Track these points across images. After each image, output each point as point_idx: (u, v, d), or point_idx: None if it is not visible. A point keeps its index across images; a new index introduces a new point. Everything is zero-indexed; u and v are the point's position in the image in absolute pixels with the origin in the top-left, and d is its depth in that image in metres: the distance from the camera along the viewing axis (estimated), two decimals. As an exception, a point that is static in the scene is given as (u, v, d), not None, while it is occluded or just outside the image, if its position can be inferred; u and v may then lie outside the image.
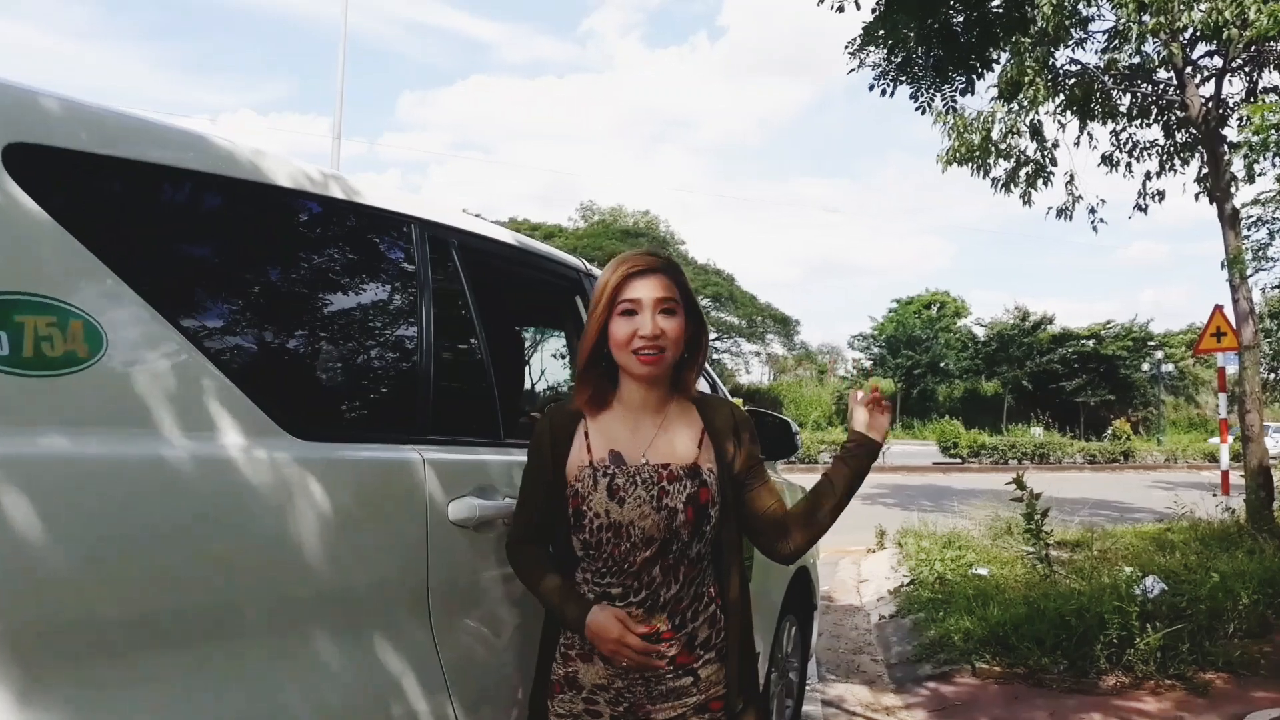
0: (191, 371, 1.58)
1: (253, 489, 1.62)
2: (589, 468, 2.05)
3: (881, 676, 5.68)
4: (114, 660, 1.42)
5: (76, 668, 1.37)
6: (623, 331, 2.05)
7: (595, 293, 2.12)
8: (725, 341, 46.19)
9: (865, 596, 8.19)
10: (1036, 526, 6.97)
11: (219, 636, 1.57)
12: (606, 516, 2.01)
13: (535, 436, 2.13)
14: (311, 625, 1.73)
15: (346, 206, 2.03)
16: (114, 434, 1.45)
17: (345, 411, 1.99)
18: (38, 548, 1.32)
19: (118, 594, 1.43)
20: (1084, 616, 5.55)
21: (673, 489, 2.03)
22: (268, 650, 1.65)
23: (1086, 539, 9.15)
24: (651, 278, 2.08)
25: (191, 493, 1.54)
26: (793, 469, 21.54)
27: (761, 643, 3.70)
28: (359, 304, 2.05)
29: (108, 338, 1.45)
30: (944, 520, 10.97)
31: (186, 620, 1.52)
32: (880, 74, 7.92)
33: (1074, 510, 11.48)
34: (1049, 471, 25.79)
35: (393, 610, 1.91)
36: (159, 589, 1.48)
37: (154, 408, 1.50)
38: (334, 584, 1.77)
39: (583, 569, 2.07)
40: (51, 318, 1.38)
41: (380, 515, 1.90)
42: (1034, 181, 11.27)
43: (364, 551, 1.85)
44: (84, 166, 1.52)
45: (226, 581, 1.59)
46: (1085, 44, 10.71)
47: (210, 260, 1.77)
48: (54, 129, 1.48)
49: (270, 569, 1.66)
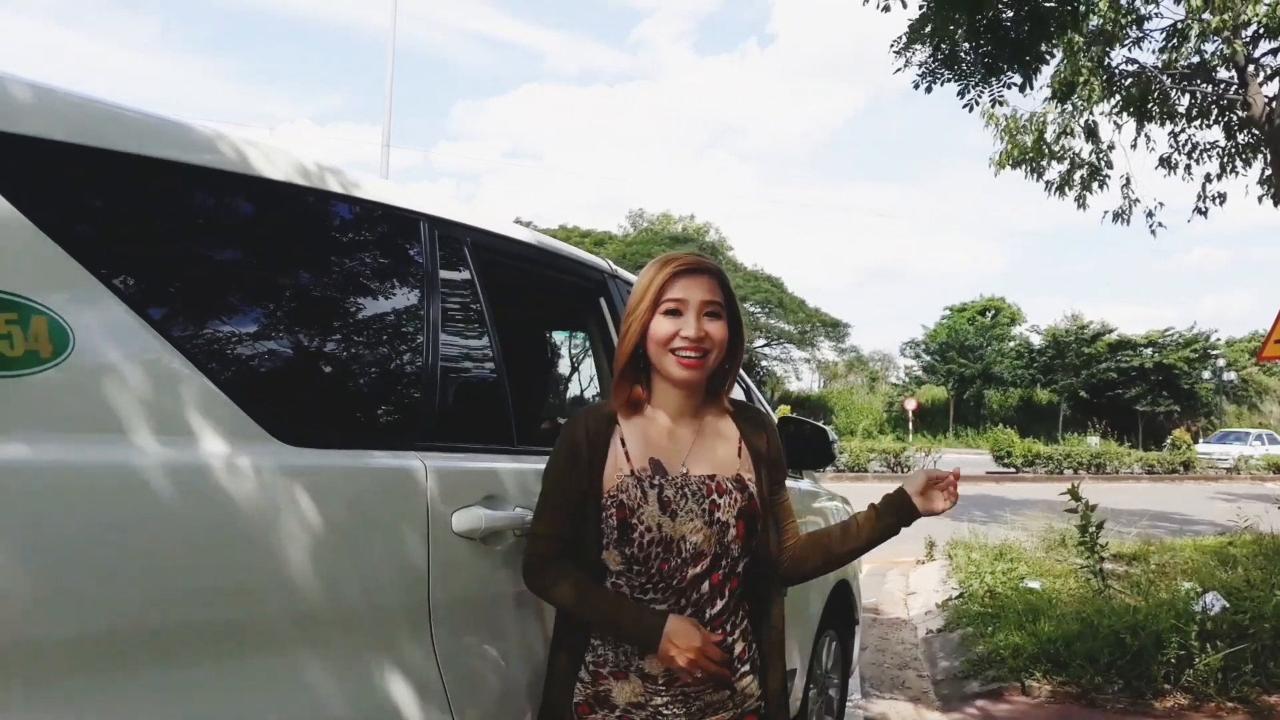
0: (168, 372, 1.49)
1: (235, 499, 1.52)
2: (631, 476, 1.95)
3: (927, 693, 5.51)
4: (76, 685, 1.33)
5: (35, 691, 1.28)
6: (664, 331, 1.97)
7: (637, 290, 2.03)
8: (774, 347, 45.89)
9: (913, 609, 8.00)
10: (1091, 539, 6.74)
11: (199, 659, 1.47)
12: (658, 530, 1.92)
13: (568, 441, 2.01)
14: (301, 646, 1.63)
15: (347, 201, 1.94)
16: (81, 439, 1.36)
17: (339, 416, 1.88)
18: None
19: (82, 614, 1.34)
20: (1140, 634, 5.33)
21: (724, 502, 1.97)
22: (252, 673, 1.55)
23: (1144, 552, 8.88)
24: (698, 278, 2.01)
25: (167, 503, 1.44)
26: (841, 478, 21.30)
27: (799, 658, 3.57)
28: (357, 302, 1.95)
29: (75, 336, 1.37)
30: (996, 531, 10.74)
31: (160, 642, 1.43)
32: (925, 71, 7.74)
33: (1131, 522, 11.18)
34: (1105, 482, 25.22)
35: (391, 628, 1.81)
36: (129, 608, 1.39)
37: (126, 411, 1.41)
38: (326, 601, 1.67)
39: (615, 583, 1.97)
40: (11, 314, 1.30)
41: (377, 527, 1.80)
42: (1089, 184, 11.02)
43: (359, 566, 1.74)
44: (55, 156, 1.43)
45: (205, 600, 1.49)
46: (1142, 43, 10.43)
47: (191, 255, 1.66)
48: (22, 116, 1.40)
49: (255, 586, 1.56)
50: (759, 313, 43.63)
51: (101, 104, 1.55)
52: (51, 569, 1.31)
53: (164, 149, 1.60)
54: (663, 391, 2.04)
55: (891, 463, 26.08)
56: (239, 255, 1.76)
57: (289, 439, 1.65)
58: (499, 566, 2.04)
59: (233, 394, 1.57)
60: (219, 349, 1.62)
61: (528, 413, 2.63)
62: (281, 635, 1.61)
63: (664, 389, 2.04)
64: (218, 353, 1.61)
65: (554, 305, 3.42)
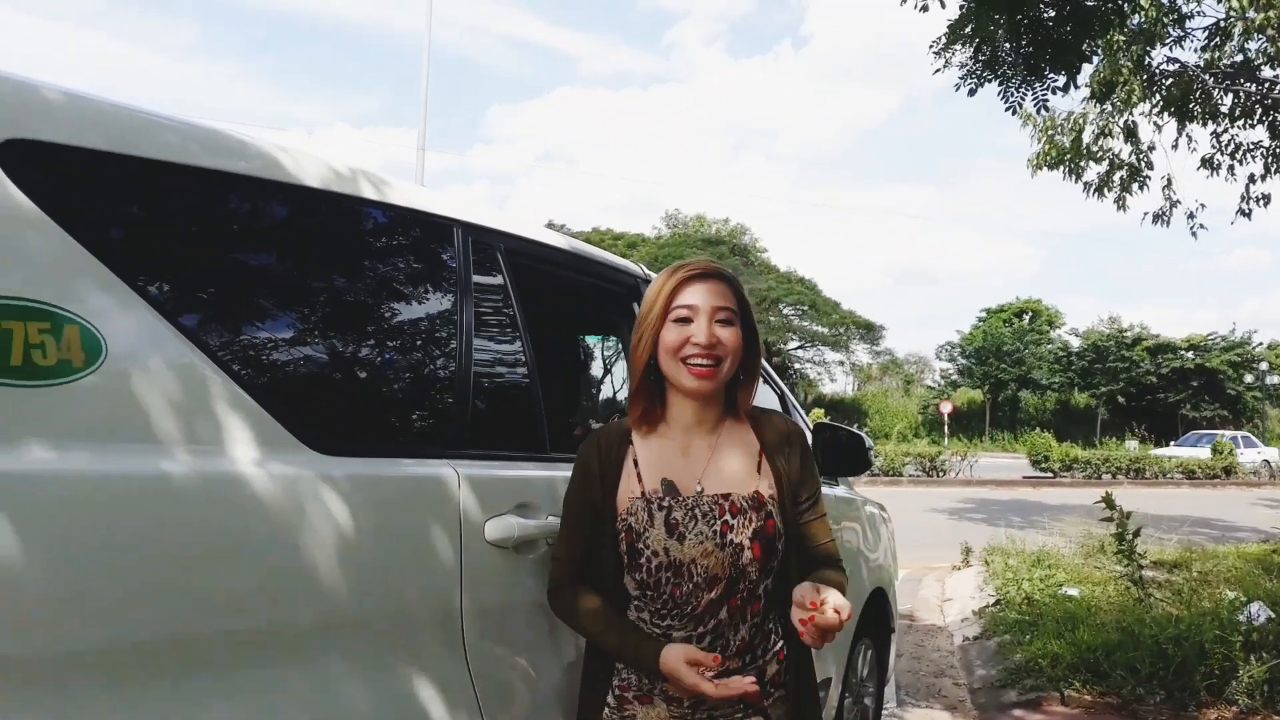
0: (200, 381, 1.48)
1: (268, 508, 1.52)
2: (641, 499, 1.90)
3: (964, 702, 5.44)
4: (109, 692, 1.32)
5: (69, 699, 1.28)
6: (674, 339, 1.90)
7: (647, 299, 1.98)
8: (808, 350, 45.64)
9: (949, 616, 7.91)
10: (1129, 547, 6.63)
11: (229, 667, 1.47)
12: (666, 555, 1.86)
13: (580, 462, 1.98)
14: (333, 654, 1.62)
15: (380, 207, 1.93)
16: (113, 448, 1.36)
17: (371, 423, 1.87)
18: (28, 571, 1.23)
19: (116, 622, 1.34)
20: (1182, 644, 5.22)
21: (737, 523, 1.88)
22: (283, 681, 1.54)
23: (1185, 560, 8.73)
24: (709, 283, 1.94)
25: (199, 512, 1.44)
26: (875, 483, 21.15)
27: (834, 667, 3.54)
28: (390, 309, 1.94)
29: (108, 345, 1.37)
30: (1033, 537, 10.60)
31: (193, 651, 1.43)
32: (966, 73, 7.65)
33: (1172, 528, 11.01)
34: (1145, 487, 24.87)
35: (423, 637, 1.79)
36: (164, 616, 1.39)
37: (158, 420, 1.41)
38: (358, 609, 1.66)
39: (637, 608, 1.92)
40: (45, 324, 1.30)
41: (409, 535, 1.79)
42: (1129, 186, 10.85)
43: (391, 575, 1.73)
44: (88, 164, 1.44)
45: (239, 608, 1.49)
46: (1183, 42, 10.25)
47: (223, 262, 1.66)
48: (57, 125, 1.40)
49: (288, 594, 1.55)
50: (792, 315, 43.41)
51: (133, 111, 1.55)
52: (82, 578, 1.30)
53: (197, 156, 1.60)
54: (677, 405, 1.98)
55: (927, 467, 25.86)
56: (272, 262, 1.76)
57: (321, 447, 1.64)
58: (531, 575, 2.02)
59: (265, 402, 1.57)
60: (251, 357, 1.62)
61: (560, 419, 2.62)
62: (314, 643, 1.60)
63: (678, 402, 1.97)
64: (250, 361, 1.61)
65: (587, 310, 3.40)
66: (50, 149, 1.39)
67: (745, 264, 43.32)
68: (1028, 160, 10.99)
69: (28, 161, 1.35)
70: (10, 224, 1.32)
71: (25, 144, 1.35)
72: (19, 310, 1.28)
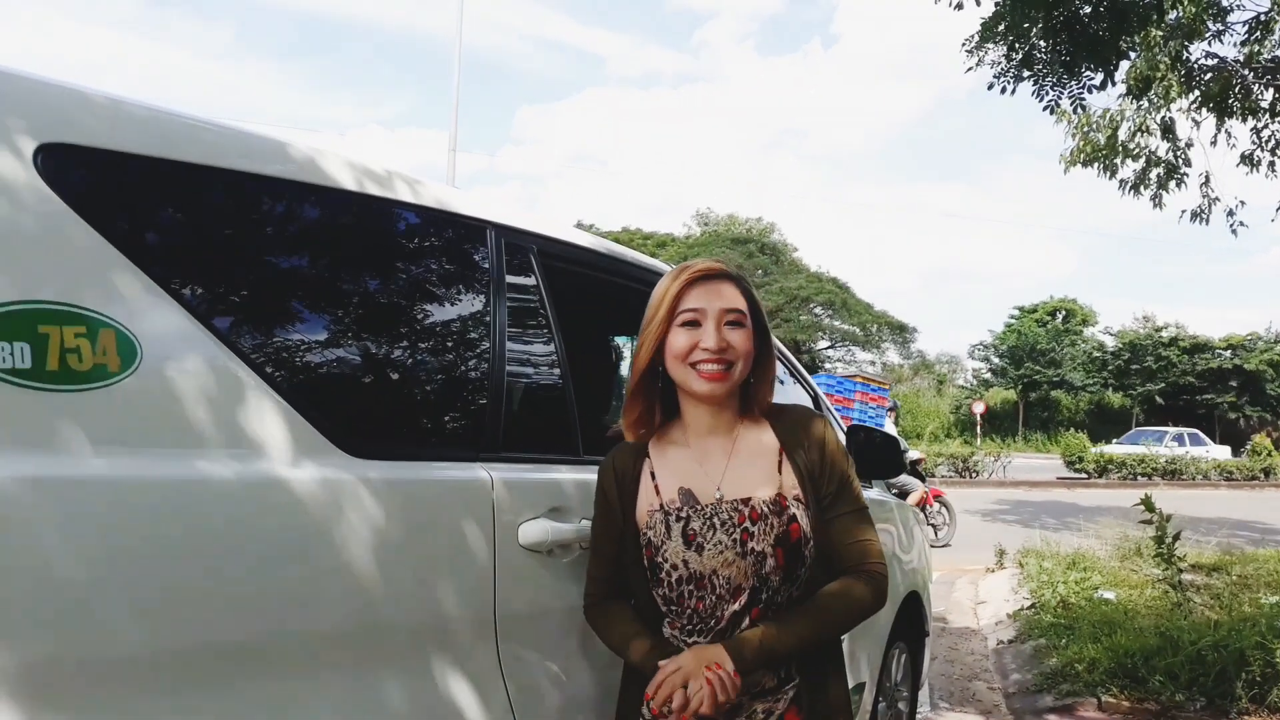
0: (235, 385, 1.48)
1: (302, 511, 1.52)
2: (659, 511, 1.86)
3: (998, 706, 5.38)
4: (151, 696, 1.33)
5: (108, 704, 1.28)
6: (682, 343, 1.84)
7: (651, 303, 1.91)
8: (839, 350, 45.41)
9: (982, 619, 7.83)
10: (1168, 550, 6.53)
11: (266, 670, 1.47)
12: (685, 567, 1.81)
13: (600, 485, 1.96)
14: (367, 658, 1.62)
15: (413, 209, 1.92)
16: (148, 453, 1.36)
17: (407, 428, 1.86)
18: (63, 575, 1.24)
19: (152, 626, 1.33)
20: (1223, 650, 5.13)
21: (758, 529, 1.80)
22: (318, 684, 1.54)
23: (1224, 563, 8.60)
24: (717, 285, 1.88)
25: (236, 516, 1.44)
26: (907, 482, 20.93)
27: (868, 671, 3.51)
28: (424, 312, 1.93)
29: (142, 349, 1.36)
30: (1068, 539, 10.49)
31: (231, 654, 1.43)
32: (1000, 72, 7.58)
33: (1210, 531, 10.85)
34: (1182, 489, 24.54)
35: (457, 640, 1.78)
36: (196, 620, 1.38)
37: (193, 424, 1.41)
38: (391, 613, 1.65)
39: (669, 623, 1.88)
40: (80, 328, 1.30)
41: (443, 539, 1.78)
42: (1165, 183, 10.69)
43: (424, 578, 1.72)
44: (123, 168, 1.44)
45: (271, 611, 1.48)
46: (1223, 36, 10.10)
47: (257, 267, 1.66)
48: (92, 129, 1.41)
49: (322, 598, 1.55)
50: (822, 314, 43.20)
51: (167, 114, 1.55)
52: (121, 582, 1.30)
53: (231, 159, 1.59)
54: (690, 411, 1.93)
55: (959, 467, 25.66)
56: (306, 265, 1.75)
57: (355, 451, 1.64)
58: (564, 579, 2.01)
59: (299, 406, 1.57)
60: (286, 360, 1.62)
61: (592, 421, 2.60)
62: (347, 646, 1.60)
63: (690, 408, 1.92)
64: (284, 364, 1.61)
65: (618, 311, 3.39)
66: (85, 153, 1.39)
67: (775, 263, 43.20)
68: (1060, 156, 10.85)
69: (63, 166, 1.36)
70: (47, 228, 1.32)
71: (61, 148, 1.36)
72: (55, 314, 1.28)
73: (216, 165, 1.57)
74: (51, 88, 1.40)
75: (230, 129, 1.64)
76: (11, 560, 1.20)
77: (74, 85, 1.43)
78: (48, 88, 1.40)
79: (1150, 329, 45.18)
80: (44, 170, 1.33)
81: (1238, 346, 43.12)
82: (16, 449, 1.23)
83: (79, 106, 1.41)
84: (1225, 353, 42.84)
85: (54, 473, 1.26)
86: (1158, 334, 44.53)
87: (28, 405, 1.25)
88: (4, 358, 1.23)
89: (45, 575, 1.22)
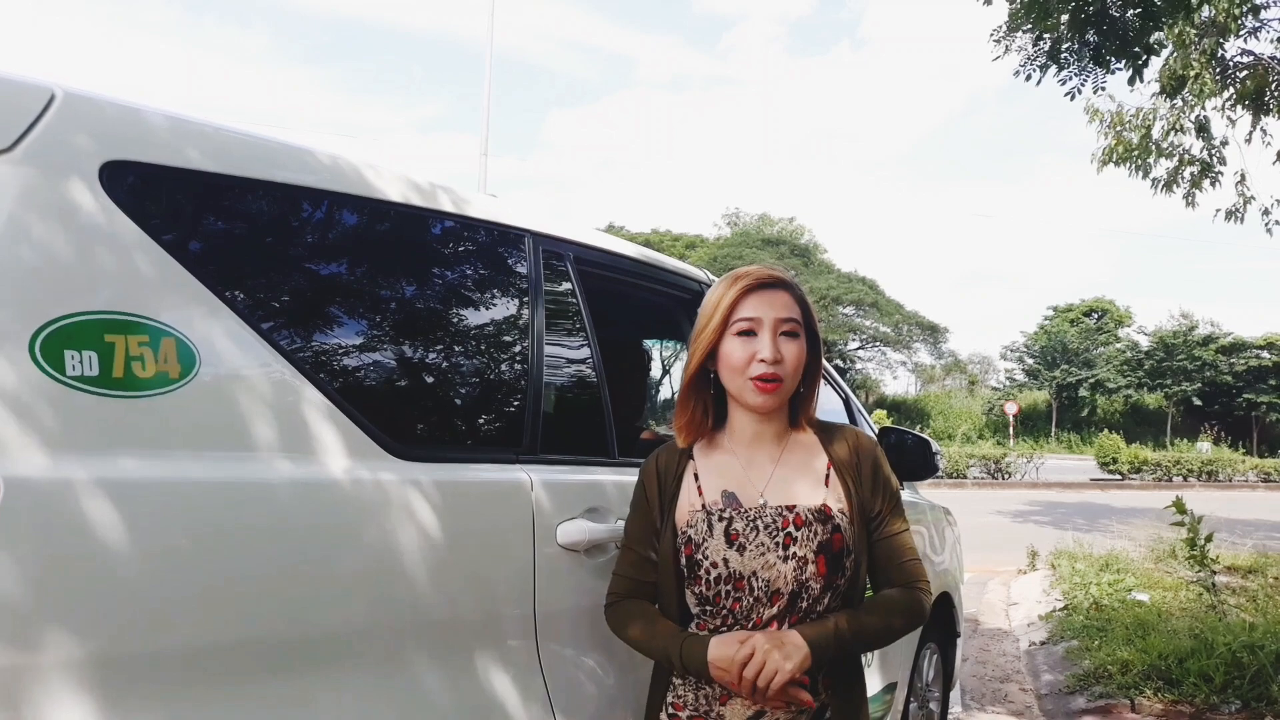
0: (289, 391, 1.55)
1: (352, 512, 1.59)
2: (701, 511, 1.85)
3: (1030, 708, 5.37)
4: (208, 691, 1.39)
5: (168, 697, 1.35)
6: (739, 354, 1.83)
7: (705, 310, 1.90)
8: (870, 350, 45.21)
9: (1014, 620, 7.81)
10: (1201, 552, 6.48)
11: (320, 665, 1.54)
12: (725, 566, 1.80)
13: (641, 483, 1.96)
14: (413, 653, 1.68)
15: (455, 219, 1.99)
16: (207, 457, 1.43)
17: (450, 431, 1.93)
18: (129, 574, 1.31)
19: (213, 622, 1.41)
20: (1258, 652, 5.10)
21: (801, 535, 1.79)
22: (368, 678, 1.61)
23: (1261, 565, 8.52)
24: (773, 293, 1.86)
25: (289, 517, 1.51)
26: (939, 485, 20.89)
27: (900, 671, 3.53)
28: (466, 319, 1.99)
29: (201, 356, 1.43)
30: (1101, 540, 10.42)
31: (286, 649, 1.50)
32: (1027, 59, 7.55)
33: (1246, 533, 10.76)
34: (1218, 490, 24.27)
35: (498, 637, 1.85)
36: (256, 616, 1.46)
37: (249, 429, 1.48)
38: (437, 610, 1.72)
39: (698, 625, 1.86)
40: (143, 337, 1.37)
41: (485, 539, 1.84)
42: (1199, 182, 10.59)
43: (468, 576, 1.79)
44: (182, 182, 1.51)
45: (325, 608, 1.55)
46: (1259, 33, 9.99)
47: (309, 276, 1.73)
48: (154, 145, 1.48)
49: (369, 595, 1.62)
50: (853, 314, 43.02)
51: (225, 130, 1.62)
52: (186, 580, 1.38)
53: (283, 173, 1.67)
54: (739, 418, 1.92)
55: (992, 469, 25.48)
56: (354, 274, 1.82)
57: (402, 454, 1.70)
58: (600, 578, 2.05)
59: (349, 411, 1.63)
60: (337, 367, 1.68)
61: (627, 425, 2.66)
62: (396, 641, 1.66)
63: (740, 415, 1.91)
64: (335, 370, 1.68)
65: (653, 316, 3.44)
66: (148, 169, 1.46)
67: (806, 264, 43.07)
68: (1091, 155, 10.76)
69: (126, 182, 1.43)
70: (112, 242, 1.39)
71: (125, 165, 1.43)
72: (120, 324, 1.35)
73: (269, 179, 1.64)
74: (115, 106, 1.47)
75: (280, 143, 1.71)
76: (83, 559, 1.27)
77: (136, 104, 1.51)
78: (111, 107, 1.47)
79: (1185, 327, 44.58)
80: (108, 186, 1.40)
81: (1276, 345, 42.47)
82: (85, 452, 1.30)
83: (140, 124, 1.49)
84: (1263, 352, 42.21)
85: (120, 475, 1.33)
86: (1191, 332, 43.95)
87: (96, 411, 1.32)
88: (74, 365, 1.30)
89: (114, 574, 1.29)
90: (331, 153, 1.78)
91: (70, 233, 1.35)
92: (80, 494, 1.27)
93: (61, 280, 1.33)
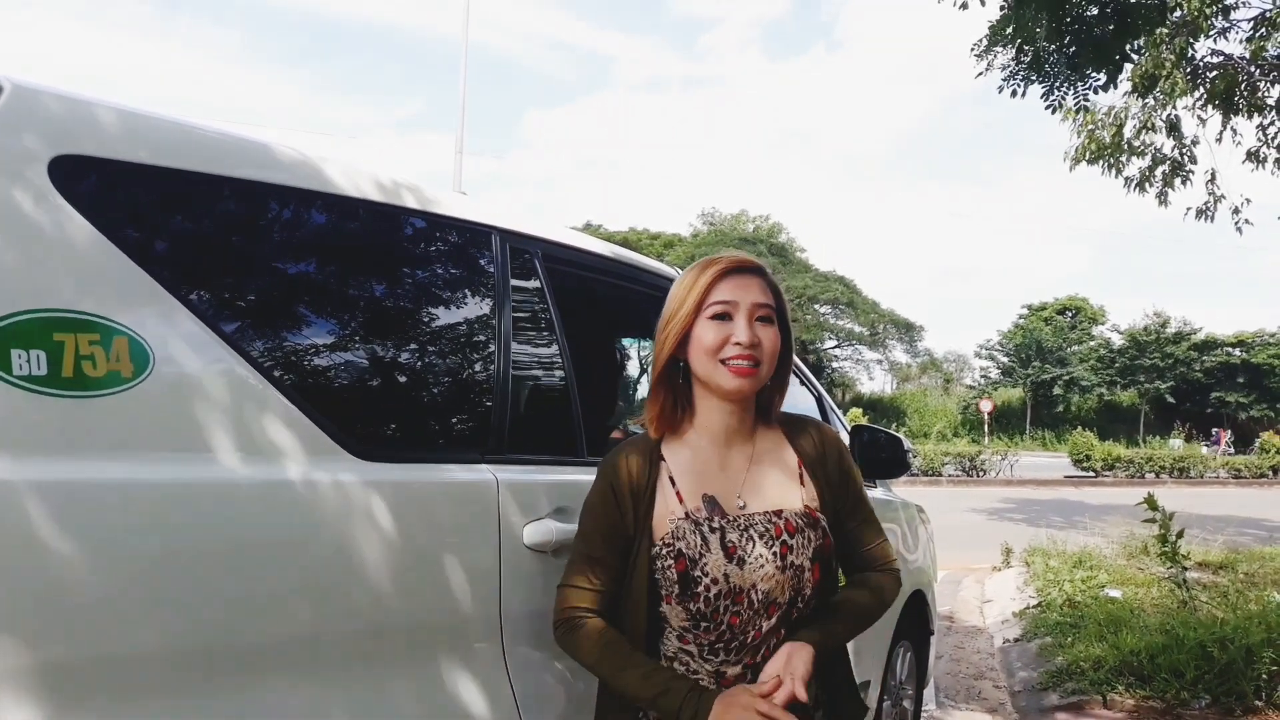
0: (245, 390, 1.52)
1: (311, 514, 1.55)
2: (686, 520, 1.75)
3: (1004, 705, 5.39)
4: (162, 697, 1.36)
5: (118, 703, 1.31)
6: (713, 337, 1.75)
7: (676, 294, 1.82)
8: (846, 349, 45.40)
9: (989, 618, 7.83)
10: (1172, 548, 6.53)
11: (277, 670, 1.50)
12: (726, 581, 1.71)
13: (605, 483, 1.82)
14: (375, 657, 1.65)
15: (420, 216, 1.95)
16: (161, 458, 1.39)
17: (413, 430, 1.90)
18: (78, 578, 1.27)
19: (165, 627, 1.37)
20: (1229, 647, 5.13)
21: (796, 543, 1.74)
22: (327, 684, 1.57)
23: (1231, 560, 8.59)
24: (747, 278, 1.80)
25: (246, 519, 1.48)
26: (914, 483, 20.99)
27: (873, 669, 3.52)
28: (430, 317, 1.96)
29: (155, 355, 1.40)
30: (1074, 538, 10.48)
31: (242, 654, 1.46)
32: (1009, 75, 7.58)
33: (1217, 529, 10.84)
34: (1190, 486, 24.50)
35: (463, 640, 1.82)
36: (210, 621, 1.42)
37: (205, 429, 1.44)
38: (399, 613, 1.69)
39: (682, 639, 1.77)
40: (94, 335, 1.34)
41: (449, 540, 1.81)
42: (1171, 181, 10.68)
43: (431, 578, 1.76)
44: (134, 178, 1.48)
45: (282, 612, 1.52)
46: (1228, 33, 10.07)
47: (268, 273, 1.69)
48: (105, 140, 1.44)
49: (329, 598, 1.58)
50: (829, 313, 43.18)
51: (178, 124, 1.59)
52: (134, 584, 1.34)
53: (240, 168, 1.63)
54: (708, 411, 1.83)
55: (967, 467, 25.63)
56: (314, 272, 1.79)
57: (363, 454, 1.67)
58: (569, 579, 2.03)
59: (307, 410, 1.60)
60: (295, 365, 1.65)
61: (596, 424, 2.63)
62: (356, 646, 1.63)
63: (710, 408, 1.83)
64: (294, 369, 1.64)
65: (624, 314, 3.42)
66: (98, 164, 1.43)
67: (784, 263, 43.19)
68: (1064, 154, 10.83)
69: (77, 177, 1.39)
70: (62, 238, 1.35)
71: (75, 159, 1.39)
72: (70, 323, 1.32)
73: (225, 174, 1.60)
74: (65, 100, 1.43)
75: (238, 138, 1.68)
76: (31, 562, 1.23)
77: (87, 97, 1.47)
78: (62, 100, 1.43)
79: (1156, 325, 45.04)
80: (58, 181, 1.36)
81: (1246, 343, 42.99)
82: (34, 454, 1.27)
83: (92, 118, 1.45)
84: (1234, 350, 42.72)
85: (69, 477, 1.29)
86: (1163, 330, 44.39)
87: (44, 411, 1.28)
88: (21, 365, 1.26)
89: (62, 577, 1.26)
90: (292, 148, 1.75)
91: (17, 228, 1.31)
92: (27, 496, 1.24)
93: (7, 277, 1.29)
